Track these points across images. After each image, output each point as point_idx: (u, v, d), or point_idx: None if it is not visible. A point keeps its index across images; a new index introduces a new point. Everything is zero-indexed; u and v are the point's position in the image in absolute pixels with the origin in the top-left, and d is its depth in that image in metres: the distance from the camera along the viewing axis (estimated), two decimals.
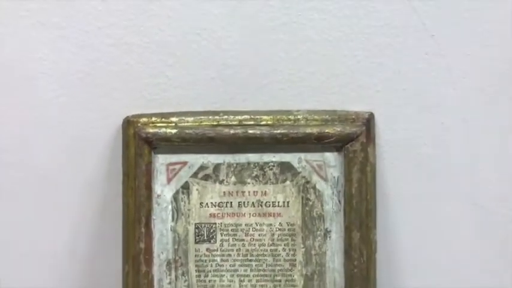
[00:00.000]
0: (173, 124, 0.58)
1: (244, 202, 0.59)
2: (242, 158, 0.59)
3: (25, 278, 0.63)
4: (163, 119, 0.58)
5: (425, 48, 0.60)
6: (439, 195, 0.62)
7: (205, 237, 0.58)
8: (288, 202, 0.59)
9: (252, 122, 0.58)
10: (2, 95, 0.61)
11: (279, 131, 0.58)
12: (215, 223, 0.59)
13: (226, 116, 0.59)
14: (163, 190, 0.58)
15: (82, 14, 0.59)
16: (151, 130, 0.58)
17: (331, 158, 0.59)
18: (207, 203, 0.59)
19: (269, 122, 0.58)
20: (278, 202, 0.59)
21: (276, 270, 0.59)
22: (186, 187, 0.59)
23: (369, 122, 0.59)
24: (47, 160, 0.61)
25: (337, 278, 0.59)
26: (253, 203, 0.59)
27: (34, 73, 0.61)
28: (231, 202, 0.59)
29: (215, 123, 0.58)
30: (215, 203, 0.59)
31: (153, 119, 0.58)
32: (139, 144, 0.57)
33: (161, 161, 0.58)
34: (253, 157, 0.59)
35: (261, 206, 0.59)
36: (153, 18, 0.59)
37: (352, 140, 0.58)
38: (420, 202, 0.61)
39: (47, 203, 0.61)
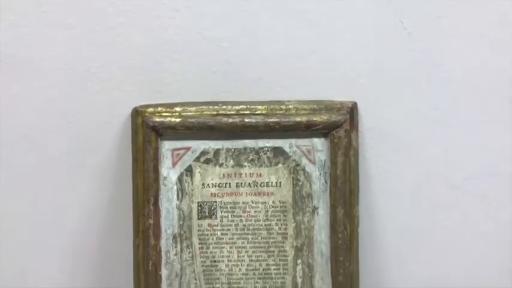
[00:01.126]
0: (177, 113, 0.61)
1: (241, 183, 0.62)
2: (239, 143, 0.62)
3: (42, 253, 0.66)
4: (168, 109, 0.61)
5: (403, 45, 0.63)
6: (416, 175, 0.65)
7: (207, 214, 0.62)
8: (280, 182, 0.62)
9: (248, 112, 0.61)
10: (25, 89, 0.63)
11: (272, 120, 0.61)
12: (216, 201, 0.62)
13: (225, 106, 0.62)
14: (169, 173, 0.62)
15: (93, 15, 0.62)
16: (157, 119, 0.60)
17: (319, 143, 0.62)
18: (208, 184, 0.62)
19: (263, 112, 0.61)
20: (271, 183, 0.62)
21: (270, 242, 0.62)
22: (189, 170, 0.62)
23: (352, 110, 0.62)
24: (64, 146, 0.65)
25: (324, 249, 0.62)
26: (249, 183, 0.62)
27: (52, 68, 0.64)
28: (230, 183, 0.62)
29: (215, 112, 0.61)
30: (215, 183, 0.62)
31: (159, 109, 0.61)
32: (147, 132, 0.60)
33: (167, 146, 0.61)
34: (249, 143, 0.62)
35: (256, 186, 0.62)
36: (158, 19, 0.62)
37: (337, 127, 0.61)
38: (399, 182, 0.65)
39: (63, 184, 0.65)
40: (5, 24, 0.63)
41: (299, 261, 0.62)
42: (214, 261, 0.62)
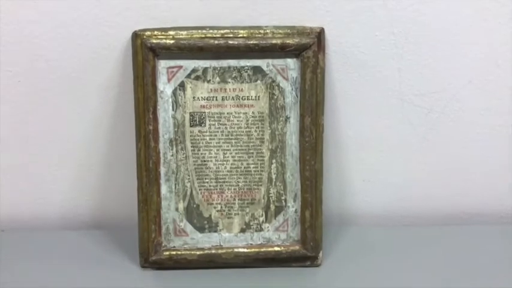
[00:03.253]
0: (171, 36, 0.65)
1: (226, 96, 0.67)
2: (224, 63, 0.66)
3: (56, 157, 0.72)
4: (163, 33, 0.65)
5: None
6: (373, 91, 0.72)
7: (198, 122, 0.67)
8: (258, 96, 0.68)
9: (231, 35, 0.66)
10: (40, 15, 0.68)
11: (252, 42, 0.66)
12: (205, 112, 0.67)
13: (211, 30, 0.66)
14: (165, 87, 0.67)
15: None
16: (154, 41, 0.65)
17: (291, 63, 0.67)
18: (198, 97, 0.67)
19: (244, 35, 0.66)
20: (251, 96, 0.67)
21: (250, 145, 0.68)
22: (182, 85, 0.67)
23: (320, 35, 0.67)
24: (75, 65, 0.70)
25: (294, 151, 0.68)
26: (232, 97, 0.67)
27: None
28: (216, 96, 0.67)
29: (203, 36, 0.65)
30: (204, 97, 0.67)
31: (155, 32, 0.66)
32: (146, 52, 0.65)
33: (163, 65, 0.66)
34: (232, 62, 0.67)
35: (239, 99, 0.67)
36: None
37: (306, 48, 0.66)
38: (358, 96, 0.72)
39: (75, 97, 0.71)
40: None
41: (273, 161, 0.68)
42: (204, 161, 0.68)
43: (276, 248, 0.69)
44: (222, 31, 0.66)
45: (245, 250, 0.68)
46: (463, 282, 0.66)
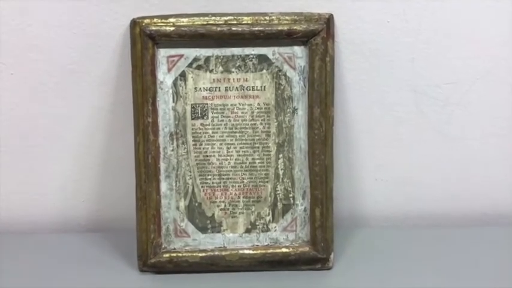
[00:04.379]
0: (171, 24, 0.64)
1: (229, 87, 0.66)
2: (227, 51, 0.65)
3: (52, 151, 0.71)
4: (163, 20, 0.64)
5: None
6: (385, 81, 0.71)
7: (200, 115, 0.66)
8: (264, 86, 0.66)
9: (235, 22, 0.65)
10: (33, 2, 0.67)
11: (257, 29, 0.64)
12: (207, 103, 0.66)
13: (214, 17, 0.65)
14: (165, 77, 0.65)
15: None
16: (154, 28, 0.64)
17: (299, 51, 0.66)
18: (200, 88, 0.66)
19: (249, 22, 0.65)
20: (256, 87, 0.66)
21: (255, 139, 0.67)
22: (183, 75, 0.66)
23: (329, 21, 0.65)
24: (70, 55, 0.69)
25: (302, 145, 0.67)
26: (236, 87, 0.66)
27: None
28: (219, 87, 0.66)
29: (205, 22, 0.64)
30: (206, 87, 0.66)
31: (155, 19, 0.64)
32: (144, 40, 0.64)
33: (162, 54, 0.65)
34: (236, 50, 0.65)
35: (243, 90, 0.66)
36: None
37: (315, 35, 0.65)
38: (369, 87, 0.71)
39: (70, 90, 0.70)
40: None
41: (280, 155, 0.67)
42: (207, 156, 0.66)
43: (284, 250, 0.66)
44: (225, 18, 0.65)
45: (251, 252, 0.66)
46: (480, 286, 0.63)
